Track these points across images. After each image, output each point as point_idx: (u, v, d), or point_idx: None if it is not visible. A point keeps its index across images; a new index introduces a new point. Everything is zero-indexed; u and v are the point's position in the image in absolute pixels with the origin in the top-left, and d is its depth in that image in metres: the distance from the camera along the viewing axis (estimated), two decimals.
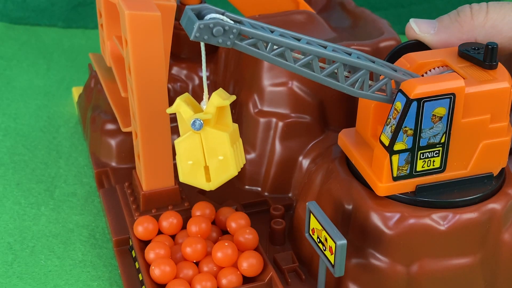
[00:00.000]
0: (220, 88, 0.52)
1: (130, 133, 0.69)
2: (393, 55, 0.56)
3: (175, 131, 0.70)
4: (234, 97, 0.51)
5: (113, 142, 0.72)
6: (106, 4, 0.65)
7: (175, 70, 0.73)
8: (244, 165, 0.66)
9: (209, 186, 0.53)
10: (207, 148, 0.51)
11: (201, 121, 0.50)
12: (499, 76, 0.51)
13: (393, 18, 0.65)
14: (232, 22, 0.46)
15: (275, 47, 0.47)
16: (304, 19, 0.70)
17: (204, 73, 0.51)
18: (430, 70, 0.53)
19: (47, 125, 0.83)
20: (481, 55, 0.52)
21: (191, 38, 0.45)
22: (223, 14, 0.46)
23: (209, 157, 0.52)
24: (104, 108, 0.73)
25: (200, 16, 0.46)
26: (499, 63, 0.53)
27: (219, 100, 0.50)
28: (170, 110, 0.51)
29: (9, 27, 1.06)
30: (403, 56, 0.54)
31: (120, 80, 0.65)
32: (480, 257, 0.54)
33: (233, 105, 0.70)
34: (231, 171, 0.52)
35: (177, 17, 0.75)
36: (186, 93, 0.53)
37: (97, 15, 0.69)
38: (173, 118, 0.70)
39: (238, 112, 0.68)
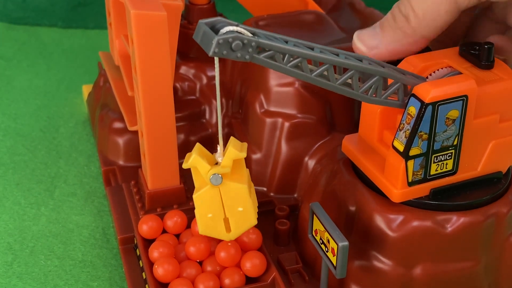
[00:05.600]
0: (232, 138, 0.51)
1: (137, 132, 0.69)
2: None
3: (180, 131, 0.70)
4: (246, 145, 0.51)
5: (120, 141, 0.72)
6: (114, 3, 0.65)
7: (183, 69, 0.73)
8: (250, 165, 0.66)
9: (229, 236, 0.53)
10: (226, 201, 0.51)
11: (220, 176, 0.50)
12: (504, 75, 0.51)
13: None
14: (250, 34, 0.45)
15: (291, 58, 0.46)
16: (312, 19, 0.71)
17: (219, 124, 0.50)
18: (434, 72, 0.53)
19: (47, 125, 0.83)
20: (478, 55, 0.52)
21: (210, 54, 0.44)
22: (237, 25, 0.45)
23: (229, 209, 0.52)
24: (113, 107, 0.74)
25: (214, 30, 0.44)
26: (499, 60, 0.53)
27: (235, 153, 0.50)
28: (186, 166, 0.51)
29: (9, 27, 1.06)
30: (404, 59, 0.54)
31: (127, 79, 0.65)
32: (484, 261, 0.54)
33: (239, 105, 0.70)
34: (252, 221, 0.52)
35: (185, 16, 0.75)
36: (198, 144, 0.52)
37: (106, 14, 0.69)
38: (178, 118, 0.70)
39: (244, 112, 0.68)
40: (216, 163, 0.51)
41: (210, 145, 0.73)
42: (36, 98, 0.88)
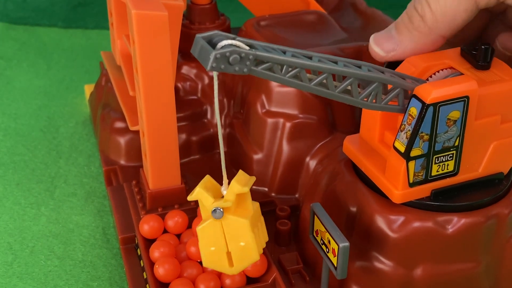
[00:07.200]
0: (240, 171, 0.52)
1: (139, 132, 0.69)
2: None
3: (181, 131, 0.70)
4: (253, 179, 0.51)
5: (122, 141, 0.72)
6: (116, 3, 0.65)
7: (185, 69, 0.73)
8: (251, 165, 0.66)
9: (232, 271, 0.53)
10: (229, 235, 0.52)
11: (221, 210, 0.50)
12: (506, 76, 0.51)
13: (393, 18, 0.65)
14: (247, 47, 0.44)
15: (289, 69, 0.46)
16: (314, 19, 0.71)
17: (221, 150, 0.50)
18: (434, 74, 0.53)
19: (47, 125, 0.83)
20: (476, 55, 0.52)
21: (208, 69, 0.43)
22: (234, 39, 0.44)
23: (231, 243, 0.52)
24: (114, 107, 0.73)
25: (211, 44, 0.44)
26: (499, 61, 0.53)
27: (238, 188, 0.50)
28: (191, 198, 0.51)
29: (9, 27, 1.06)
30: (406, 60, 0.54)
31: (128, 79, 0.65)
32: (485, 263, 0.54)
33: (241, 105, 0.70)
34: (254, 257, 0.52)
35: (187, 16, 0.75)
36: (207, 176, 0.52)
37: (108, 14, 0.69)
38: (180, 118, 0.70)
39: (246, 112, 0.68)
40: (223, 197, 0.51)
41: (211, 145, 0.73)
42: (36, 98, 0.88)
